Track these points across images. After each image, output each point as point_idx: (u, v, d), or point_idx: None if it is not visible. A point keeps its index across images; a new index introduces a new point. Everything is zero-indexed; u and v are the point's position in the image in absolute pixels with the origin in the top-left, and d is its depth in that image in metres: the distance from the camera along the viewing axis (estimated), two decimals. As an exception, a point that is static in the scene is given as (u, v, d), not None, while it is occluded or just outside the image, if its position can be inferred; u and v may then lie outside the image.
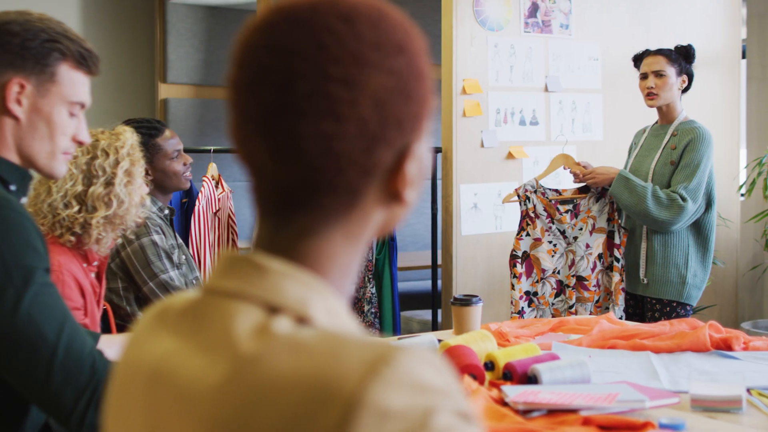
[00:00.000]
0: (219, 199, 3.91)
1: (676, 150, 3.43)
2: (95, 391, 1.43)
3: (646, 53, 3.56)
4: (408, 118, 0.77)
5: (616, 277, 3.46)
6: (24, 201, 1.59)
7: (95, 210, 2.22)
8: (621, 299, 3.46)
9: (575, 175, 3.54)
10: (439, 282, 4.22)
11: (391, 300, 4.06)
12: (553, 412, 1.71)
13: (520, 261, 3.47)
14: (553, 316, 3.46)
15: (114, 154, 2.29)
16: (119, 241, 2.71)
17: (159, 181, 2.99)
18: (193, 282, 2.97)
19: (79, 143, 1.62)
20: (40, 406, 1.45)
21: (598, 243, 3.49)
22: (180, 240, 3.08)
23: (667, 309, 3.43)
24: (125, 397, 0.81)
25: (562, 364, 1.94)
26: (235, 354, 0.71)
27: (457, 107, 4.01)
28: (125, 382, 0.82)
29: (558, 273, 3.50)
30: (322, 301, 0.75)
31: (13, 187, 1.54)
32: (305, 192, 0.76)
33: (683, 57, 3.49)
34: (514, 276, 3.47)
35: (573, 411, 1.70)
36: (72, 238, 2.20)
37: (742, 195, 5.00)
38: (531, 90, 4.24)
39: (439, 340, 2.19)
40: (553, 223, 3.49)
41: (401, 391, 0.66)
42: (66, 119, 1.58)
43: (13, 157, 1.55)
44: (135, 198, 2.30)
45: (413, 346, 0.71)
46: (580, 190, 3.55)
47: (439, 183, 4.16)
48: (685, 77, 3.48)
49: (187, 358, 0.75)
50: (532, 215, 3.48)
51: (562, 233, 3.49)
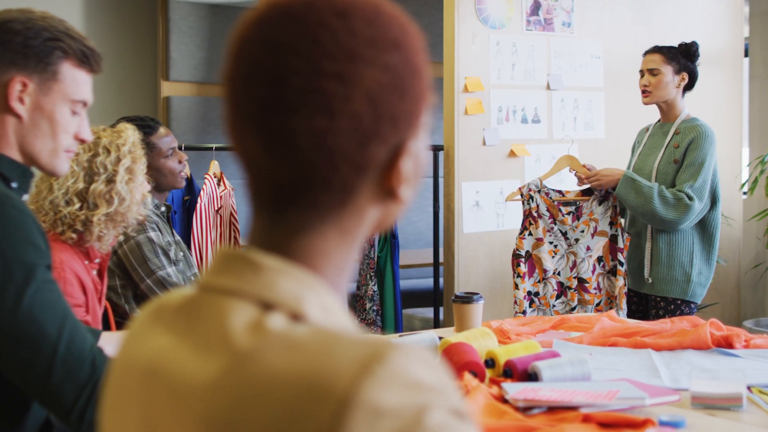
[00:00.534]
0: (221, 197, 3.92)
1: (678, 148, 3.41)
2: (95, 387, 1.43)
3: (646, 51, 3.55)
4: (403, 115, 0.77)
5: (620, 281, 3.43)
6: (26, 198, 1.60)
7: (96, 207, 2.22)
8: (624, 303, 3.45)
9: (579, 178, 3.52)
10: (441, 280, 4.22)
11: (393, 297, 4.06)
12: (553, 410, 1.72)
13: (523, 260, 3.44)
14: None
15: (115, 152, 2.30)
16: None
17: (154, 179, 3.00)
18: (192, 278, 2.98)
19: (81, 141, 1.63)
20: (41, 402, 1.46)
21: (598, 246, 3.47)
22: (178, 236, 3.09)
23: (672, 307, 3.43)
24: (121, 393, 0.81)
25: (563, 362, 1.94)
26: (228, 351, 0.71)
27: (459, 105, 4.01)
28: (121, 379, 0.82)
29: (559, 274, 3.47)
30: (316, 297, 0.75)
31: (14, 185, 1.55)
32: (299, 188, 0.76)
33: (683, 54, 3.45)
34: (518, 275, 3.43)
35: (573, 408, 1.70)
36: (73, 236, 2.21)
37: (745, 193, 5.00)
38: (533, 88, 4.23)
39: (440, 338, 2.20)
40: (555, 224, 3.47)
41: (394, 388, 0.65)
42: (68, 117, 1.59)
43: (15, 155, 1.56)
44: (136, 195, 2.30)
45: (410, 343, 0.70)
46: (584, 193, 3.52)
47: (441, 181, 4.16)
48: (684, 75, 3.45)
49: (182, 355, 0.75)
50: (535, 215, 3.46)
51: (564, 234, 3.47)
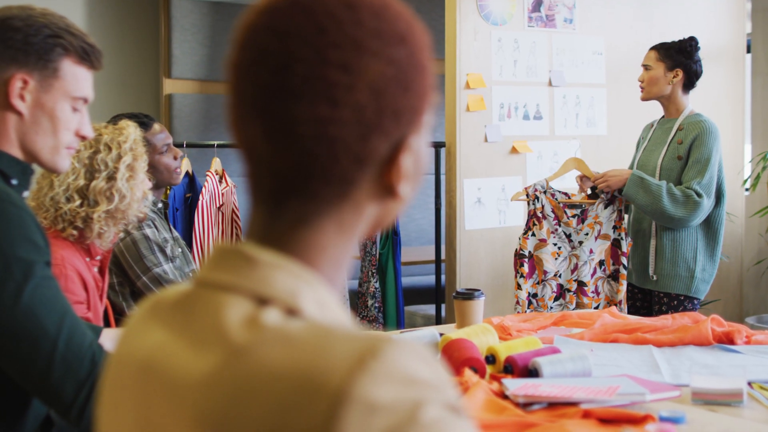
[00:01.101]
0: (223, 194, 3.92)
1: (682, 144, 3.41)
2: (95, 384, 1.43)
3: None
4: (406, 110, 0.77)
5: (623, 285, 3.42)
6: (26, 195, 1.60)
7: (97, 204, 2.23)
8: (625, 309, 3.44)
9: (581, 187, 3.50)
10: (443, 277, 4.22)
11: (394, 294, 4.06)
12: (553, 405, 1.71)
13: (526, 260, 3.43)
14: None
15: (116, 149, 2.30)
16: None
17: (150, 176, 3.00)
18: (189, 275, 2.98)
19: (82, 138, 1.63)
20: (41, 398, 1.46)
21: (601, 249, 3.46)
22: (176, 233, 3.08)
23: (675, 303, 3.43)
24: (117, 389, 0.81)
25: (563, 358, 1.94)
26: (223, 346, 0.71)
27: (461, 102, 4.01)
28: (118, 374, 0.82)
29: (559, 276, 3.46)
30: (312, 292, 0.75)
31: (14, 182, 1.55)
32: (299, 178, 0.76)
33: (678, 51, 3.45)
34: (521, 275, 3.42)
35: (573, 404, 1.70)
36: (74, 232, 2.21)
37: (747, 189, 4.99)
38: (535, 84, 4.23)
39: (441, 334, 2.20)
40: (559, 226, 3.46)
41: (389, 384, 0.65)
42: (69, 114, 1.59)
43: (15, 152, 1.56)
44: (137, 193, 2.30)
45: (409, 339, 0.70)
46: (590, 196, 3.51)
47: (442, 178, 4.16)
48: (678, 71, 3.44)
49: (177, 350, 0.75)
50: (540, 215, 3.45)
51: (568, 237, 3.46)
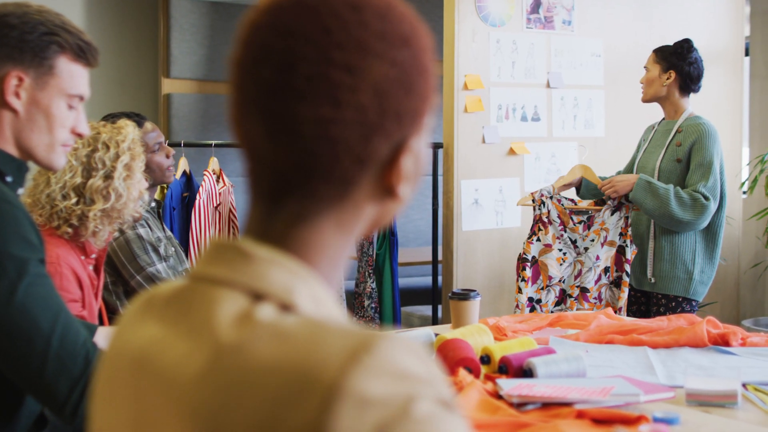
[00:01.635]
0: (220, 194, 3.92)
1: (681, 147, 3.42)
2: (89, 381, 1.43)
3: None
4: (408, 112, 0.77)
5: (624, 292, 3.42)
6: (21, 192, 1.60)
7: (93, 203, 2.22)
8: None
9: (574, 188, 3.53)
10: (439, 278, 4.22)
11: (391, 295, 4.06)
12: (547, 406, 1.71)
13: (529, 264, 3.44)
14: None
15: (114, 148, 2.30)
16: None
17: None
18: (183, 274, 2.98)
19: (78, 135, 1.63)
20: (35, 396, 1.46)
21: (606, 256, 3.46)
22: (169, 232, 3.08)
23: (673, 304, 3.44)
24: (111, 383, 0.81)
25: (558, 358, 1.94)
26: (215, 341, 0.71)
27: (459, 103, 4.01)
28: (112, 369, 0.82)
29: (563, 282, 3.47)
30: (307, 289, 0.75)
31: (9, 179, 1.55)
32: (299, 177, 0.76)
33: (673, 53, 3.49)
34: (522, 279, 3.42)
35: (567, 405, 1.70)
36: (69, 230, 2.21)
37: (744, 192, 4.99)
38: (533, 86, 4.23)
39: (436, 334, 2.20)
40: (565, 231, 3.46)
41: (382, 378, 0.65)
42: (65, 112, 1.59)
43: (10, 149, 1.56)
44: (133, 192, 2.30)
45: (402, 336, 0.70)
46: (596, 203, 3.52)
47: (440, 179, 4.16)
48: (671, 73, 3.47)
49: (171, 344, 0.75)
50: (545, 220, 3.45)
51: (573, 243, 3.46)
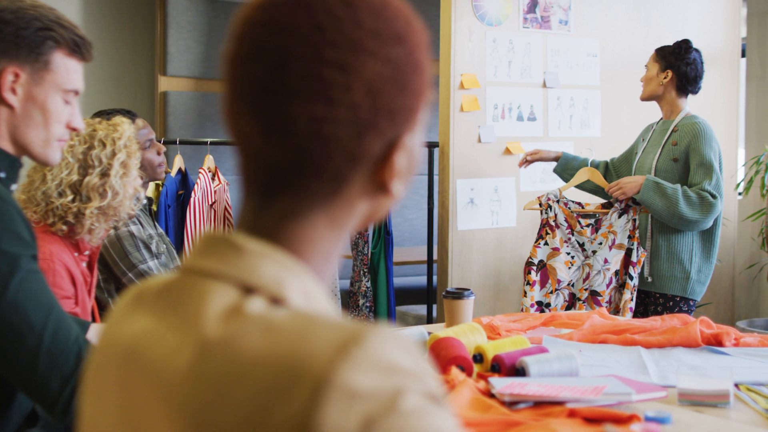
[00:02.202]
0: (215, 192, 3.92)
1: (677, 146, 3.44)
2: (81, 378, 1.43)
3: None
4: (401, 109, 0.77)
5: (626, 294, 3.43)
6: (14, 188, 1.60)
7: (89, 200, 2.22)
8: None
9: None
10: (434, 277, 4.22)
11: (386, 294, 4.06)
12: (539, 404, 1.72)
13: (535, 269, 3.44)
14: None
15: (111, 146, 2.30)
16: None
17: None
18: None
19: (73, 130, 1.63)
20: (26, 392, 1.46)
21: (616, 259, 3.46)
22: (160, 229, 3.08)
23: (671, 304, 3.45)
24: (101, 376, 0.81)
25: (551, 357, 1.94)
26: (204, 335, 0.71)
27: (455, 102, 4.01)
28: (101, 361, 0.82)
29: (572, 285, 3.47)
30: (298, 282, 0.75)
31: (2, 175, 1.55)
32: (292, 174, 0.76)
33: (670, 53, 3.53)
34: (527, 283, 3.43)
35: (559, 403, 1.70)
36: (64, 227, 2.21)
37: (740, 193, 5.00)
38: (529, 86, 4.24)
39: (429, 333, 2.20)
40: (572, 235, 3.47)
41: (370, 372, 0.65)
42: (60, 107, 1.59)
43: (5, 145, 1.56)
44: (129, 190, 2.31)
45: (392, 330, 0.70)
46: (603, 206, 3.52)
47: (435, 178, 4.16)
48: (668, 72, 3.51)
49: (160, 337, 0.75)
50: (553, 224, 3.46)
51: (581, 246, 3.47)
